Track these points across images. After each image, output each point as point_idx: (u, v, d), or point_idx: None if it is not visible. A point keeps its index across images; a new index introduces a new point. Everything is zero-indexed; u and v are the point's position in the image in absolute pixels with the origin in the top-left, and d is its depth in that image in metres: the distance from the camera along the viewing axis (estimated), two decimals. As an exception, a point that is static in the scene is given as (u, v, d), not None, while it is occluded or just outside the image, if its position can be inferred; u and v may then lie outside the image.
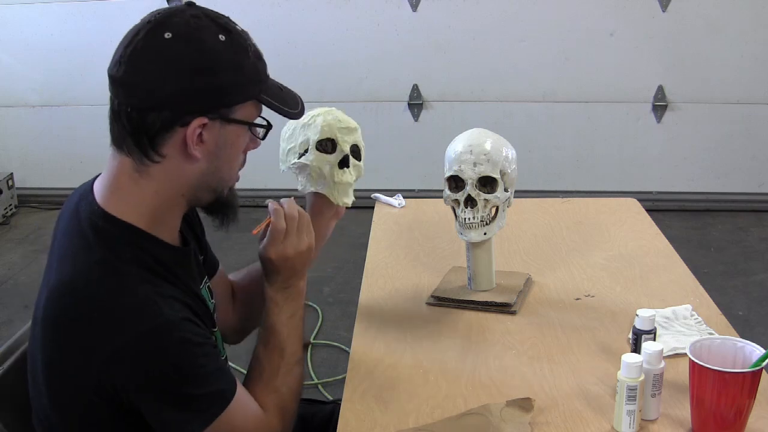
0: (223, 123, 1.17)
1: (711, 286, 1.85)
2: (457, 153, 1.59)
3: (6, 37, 4.38)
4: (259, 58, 1.21)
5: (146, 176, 1.18)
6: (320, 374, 2.84)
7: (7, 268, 3.81)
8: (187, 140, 1.15)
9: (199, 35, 1.13)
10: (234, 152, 1.22)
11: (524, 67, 4.17)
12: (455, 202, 1.60)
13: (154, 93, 1.13)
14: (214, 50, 1.14)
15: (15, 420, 1.31)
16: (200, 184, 1.21)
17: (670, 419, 1.26)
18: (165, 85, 1.12)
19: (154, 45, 1.13)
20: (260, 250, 1.33)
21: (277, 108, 1.22)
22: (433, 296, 1.64)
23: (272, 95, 1.22)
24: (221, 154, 1.19)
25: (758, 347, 1.22)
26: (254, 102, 1.20)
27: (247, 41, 1.19)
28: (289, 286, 1.34)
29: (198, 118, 1.14)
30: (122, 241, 1.17)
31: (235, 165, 1.24)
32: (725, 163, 4.26)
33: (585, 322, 1.56)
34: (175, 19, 1.14)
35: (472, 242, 1.61)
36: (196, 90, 1.13)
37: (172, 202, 1.22)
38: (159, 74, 1.12)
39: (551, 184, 4.24)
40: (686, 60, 4.11)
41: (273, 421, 1.29)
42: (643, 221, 2.04)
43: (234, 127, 1.19)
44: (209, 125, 1.16)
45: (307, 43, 4.20)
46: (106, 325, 1.12)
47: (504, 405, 1.28)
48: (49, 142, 4.53)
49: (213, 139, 1.17)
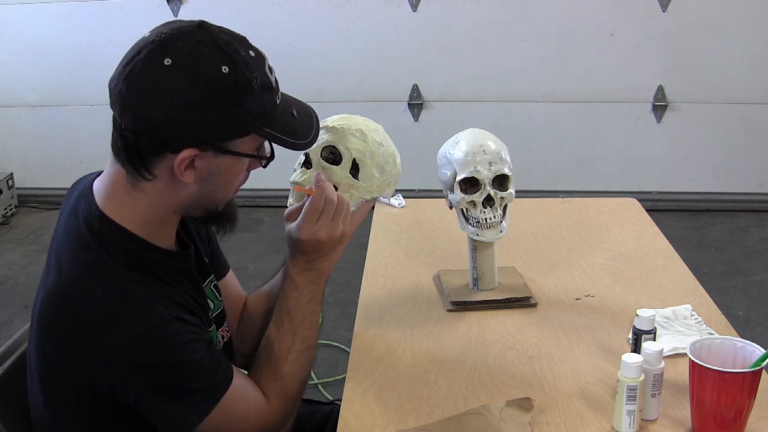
0: (217, 153, 1.14)
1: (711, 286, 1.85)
2: (468, 154, 1.57)
3: (6, 37, 4.38)
4: (267, 88, 1.15)
5: (139, 190, 1.17)
6: (320, 374, 2.84)
7: (7, 268, 3.81)
8: (174, 168, 1.13)
9: (199, 67, 1.09)
10: (228, 179, 1.19)
11: (524, 67, 4.16)
12: (471, 204, 1.59)
13: (146, 118, 1.10)
14: (211, 84, 1.09)
15: (15, 420, 1.31)
16: (192, 204, 1.20)
17: (670, 419, 1.26)
18: (157, 113, 1.09)
19: (151, 70, 1.09)
20: (291, 229, 1.30)
21: (281, 141, 1.18)
22: (453, 302, 1.63)
23: (279, 126, 1.17)
24: (214, 180, 1.17)
25: (758, 347, 1.22)
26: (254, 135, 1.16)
27: (253, 73, 1.13)
28: (313, 268, 1.32)
29: (188, 150, 1.12)
30: (118, 244, 1.17)
31: (230, 189, 1.22)
32: (725, 163, 4.26)
33: (585, 322, 1.56)
34: (179, 43, 1.10)
35: (484, 242, 1.61)
36: (188, 122, 1.10)
37: (165, 216, 1.21)
38: (152, 101, 1.09)
39: (551, 184, 4.24)
40: (686, 60, 4.10)
41: (275, 408, 1.29)
42: (643, 221, 2.04)
43: (228, 158, 1.16)
44: (201, 155, 1.13)
45: (307, 43, 4.20)
46: (100, 325, 1.13)
47: (504, 405, 1.28)
48: (49, 142, 4.53)
49: (206, 167, 1.15)
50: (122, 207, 1.19)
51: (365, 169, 1.36)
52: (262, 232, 4.03)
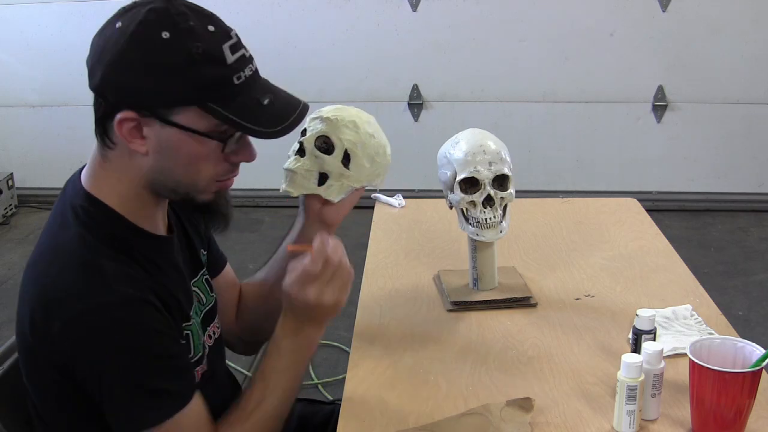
0: (162, 124, 1.11)
1: (711, 286, 1.85)
2: (468, 154, 1.57)
3: (6, 36, 4.38)
4: (215, 63, 1.10)
5: (108, 161, 1.17)
6: (320, 374, 2.84)
7: (7, 268, 3.81)
8: (122, 134, 1.12)
9: (139, 30, 1.09)
10: (184, 157, 1.13)
11: (524, 67, 4.17)
12: (471, 204, 1.59)
13: (93, 77, 1.13)
14: (147, 48, 1.09)
15: (15, 420, 1.31)
16: (154, 181, 1.16)
17: (670, 419, 1.26)
18: (98, 73, 1.12)
19: (104, 33, 1.13)
20: (284, 283, 1.22)
21: (234, 123, 1.12)
22: (453, 302, 1.63)
23: (233, 108, 1.11)
24: (168, 155, 1.14)
25: (758, 347, 1.22)
26: (199, 110, 1.11)
27: (196, 42, 1.09)
28: (299, 334, 1.24)
29: (124, 111, 1.11)
30: (97, 219, 1.16)
31: (193, 171, 1.15)
32: (725, 163, 4.26)
33: (585, 322, 1.56)
34: (134, 10, 1.12)
35: (485, 242, 1.61)
36: (123, 83, 1.10)
37: (137, 192, 1.18)
38: (97, 62, 1.12)
39: (551, 184, 4.24)
40: (686, 60, 4.11)
41: None
42: (643, 221, 2.04)
43: (175, 131, 1.11)
44: (146, 122, 1.11)
45: (307, 43, 4.20)
46: (61, 298, 1.10)
47: (504, 405, 1.28)
48: (49, 142, 4.53)
49: (154, 137, 1.12)
50: (100, 182, 1.18)
51: (356, 159, 1.38)
52: (262, 232, 4.03)
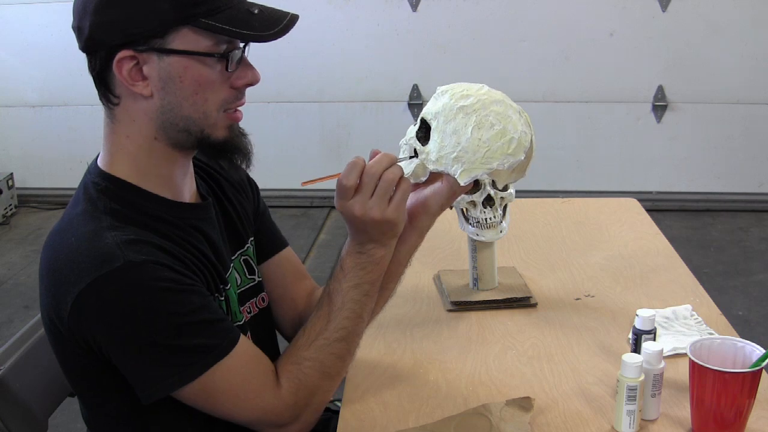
0: (160, 55, 1.10)
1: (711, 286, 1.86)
2: None
3: (6, 37, 4.38)
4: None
5: (116, 122, 1.16)
6: (320, 374, 2.84)
7: (7, 268, 3.81)
8: (123, 80, 1.11)
9: None
10: (188, 85, 1.12)
11: (524, 67, 4.16)
12: (471, 204, 1.59)
13: (83, 33, 1.12)
14: None
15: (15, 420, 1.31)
16: (164, 124, 1.14)
17: (670, 419, 1.26)
18: (86, 23, 1.11)
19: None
20: None
21: (228, 32, 1.10)
22: (453, 302, 1.63)
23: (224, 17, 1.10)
24: (171, 88, 1.12)
25: (758, 347, 1.22)
26: (193, 28, 1.10)
27: None
28: (364, 251, 1.21)
29: (121, 52, 1.10)
30: (106, 194, 1.16)
31: (199, 100, 1.13)
32: (725, 163, 4.26)
33: (585, 322, 1.56)
34: None
35: (485, 242, 1.61)
36: (111, 23, 1.09)
37: (148, 147, 1.16)
38: (83, 16, 1.11)
39: (551, 184, 4.24)
40: (686, 60, 4.11)
41: (283, 394, 1.18)
42: (643, 221, 2.04)
43: (176, 59, 1.10)
44: (145, 59, 1.10)
45: (307, 43, 4.20)
46: (70, 274, 1.09)
47: (504, 405, 1.28)
48: (49, 142, 4.53)
49: (155, 73, 1.11)
50: (112, 154, 1.18)
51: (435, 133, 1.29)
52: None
